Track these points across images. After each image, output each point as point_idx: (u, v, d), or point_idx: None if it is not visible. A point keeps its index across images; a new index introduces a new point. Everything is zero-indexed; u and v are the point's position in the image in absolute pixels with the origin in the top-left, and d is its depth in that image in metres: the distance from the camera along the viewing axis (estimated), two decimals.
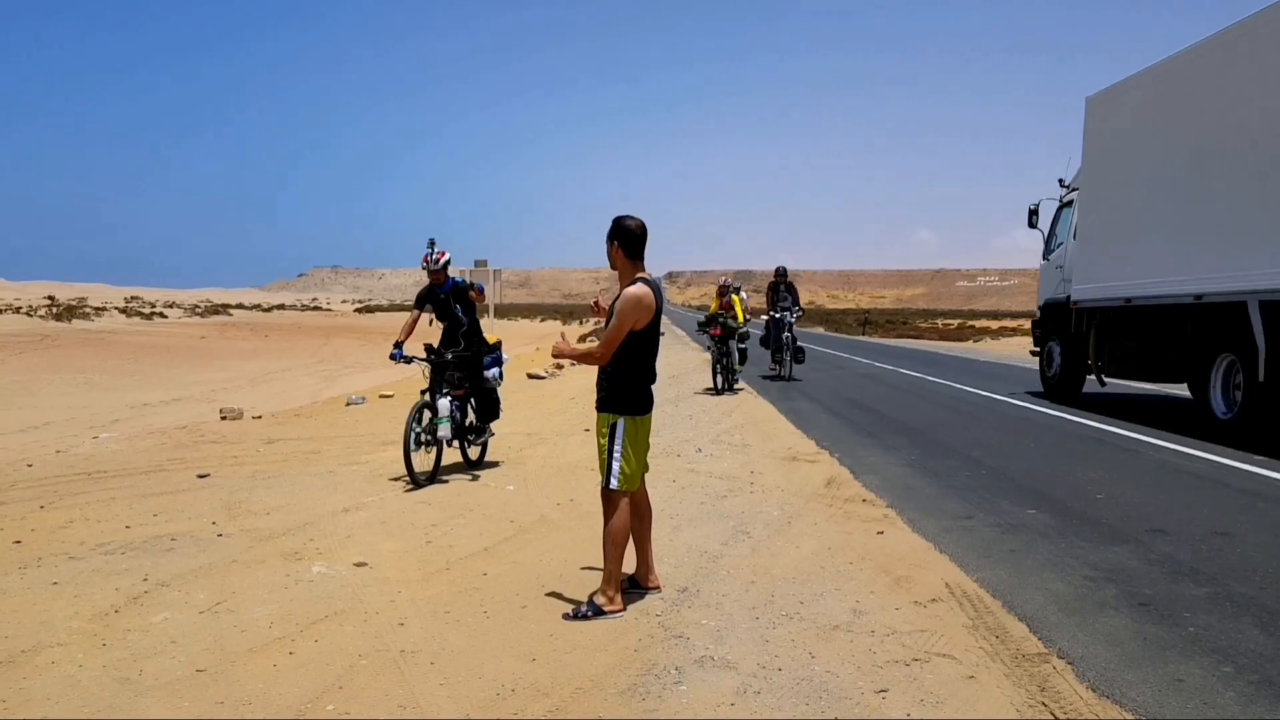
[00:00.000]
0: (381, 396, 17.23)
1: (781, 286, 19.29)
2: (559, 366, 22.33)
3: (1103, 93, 14.60)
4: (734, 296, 17.43)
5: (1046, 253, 16.99)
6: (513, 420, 13.19)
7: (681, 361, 24.53)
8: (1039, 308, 17.22)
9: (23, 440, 13.65)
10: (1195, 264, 11.46)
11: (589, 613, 5.01)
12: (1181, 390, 14.85)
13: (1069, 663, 4.34)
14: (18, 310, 59.49)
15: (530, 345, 39.57)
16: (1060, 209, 16.56)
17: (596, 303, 5.75)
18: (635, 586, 5.42)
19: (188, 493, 8.13)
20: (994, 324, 73.78)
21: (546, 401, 15.80)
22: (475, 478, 8.95)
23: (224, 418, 13.93)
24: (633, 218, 5.10)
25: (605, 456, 5.09)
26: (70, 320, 52.32)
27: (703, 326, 17.76)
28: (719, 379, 17.23)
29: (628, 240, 5.06)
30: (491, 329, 24.90)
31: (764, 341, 19.82)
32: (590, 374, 11.62)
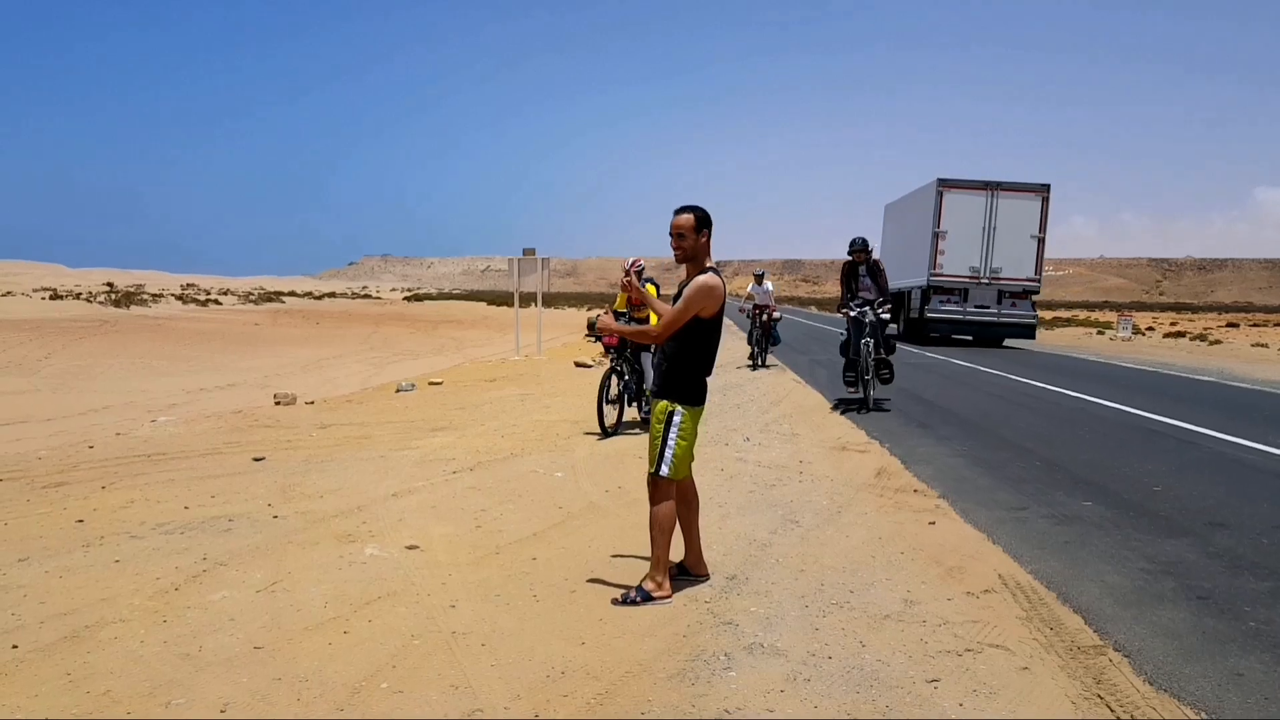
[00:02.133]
0: (431, 384, 17.40)
1: (861, 269, 13.08)
2: (605, 354, 22.34)
3: (888, 205, 36.29)
4: (648, 286, 9.97)
5: None
6: (560, 408, 13.27)
7: (727, 350, 24.40)
8: (906, 292, 31.46)
9: (84, 423, 14.00)
10: (905, 275, 29.76)
11: (638, 598, 5.03)
12: (1225, 378, 14.65)
13: (1126, 656, 4.28)
14: (78, 296, 60.89)
15: (577, 334, 39.71)
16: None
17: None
18: (684, 574, 5.43)
19: (244, 475, 8.27)
20: (1048, 314, 72.62)
21: (594, 390, 15.82)
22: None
23: (278, 403, 14.15)
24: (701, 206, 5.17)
25: (659, 443, 5.08)
26: (128, 306, 53.43)
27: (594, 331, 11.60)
28: (603, 412, 11.11)
29: (709, 225, 5.13)
30: (540, 318, 25.12)
31: (843, 349, 13.38)
32: None
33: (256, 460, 8.97)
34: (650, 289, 10.20)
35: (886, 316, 13.07)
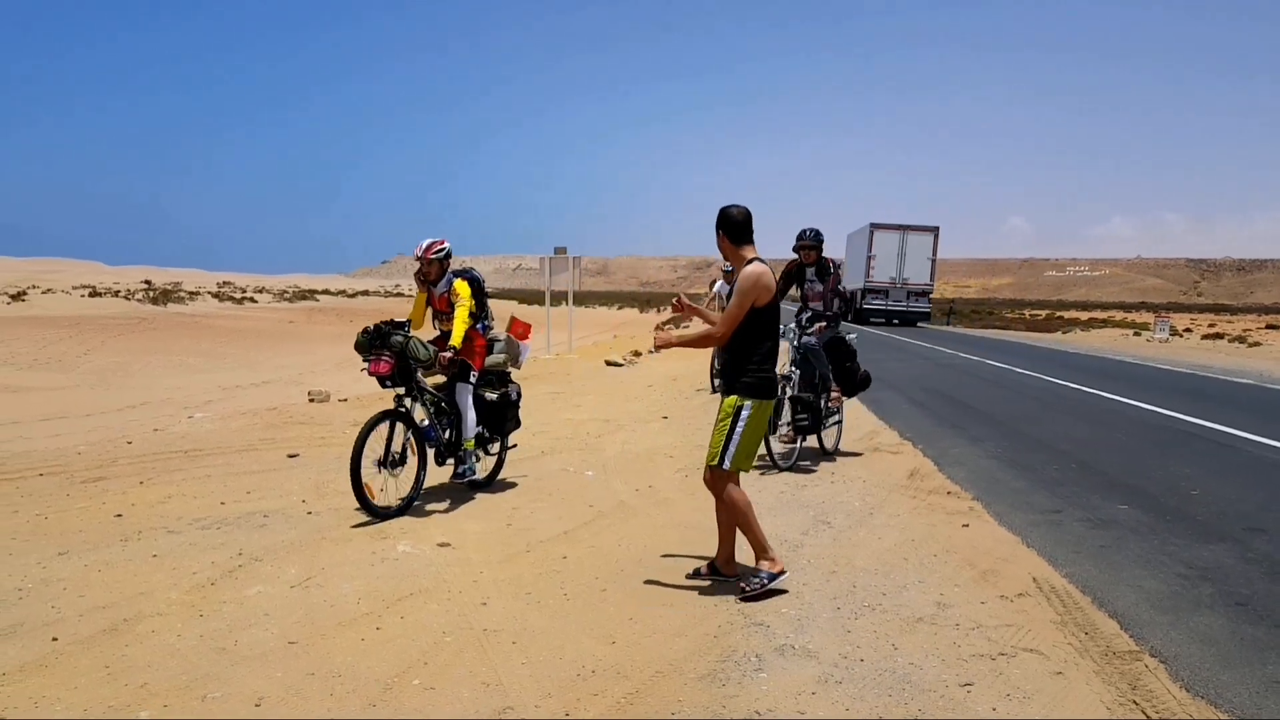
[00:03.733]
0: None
1: (809, 271, 9.44)
2: (636, 354, 22.37)
3: (849, 234, 49.29)
4: (456, 283, 7.48)
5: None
6: (591, 407, 13.27)
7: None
8: (854, 291, 39.86)
9: (123, 419, 14.20)
10: (852, 281, 43.38)
11: (765, 581, 5.06)
12: (1264, 381, 14.46)
13: (1162, 661, 4.23)
14: (116, 294, 61.75)
15: (608, 333, 39.73)
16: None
17: (679, 300, 5.81)
18: (715, 573, 5.43)
19: (278, 472, 8.35)
20: (1084, 315, 71.85)
21: (624, 389, 15.86)
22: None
23: (312, 400, 14.27)
24: (736, 206, 5.24)
25: (724, 436, 5.10)
26: (166, 304, 54.08)
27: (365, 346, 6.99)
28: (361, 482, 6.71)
29: (731, 228, 5.20)
30: (571, 316, 25.18)
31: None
32: (670, 362, 11.63)
33: (291, 457, 9.05)
34: (460, 287, 7.45)
35: (853, 336, 9.90)
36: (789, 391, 8.79)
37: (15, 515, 6.63)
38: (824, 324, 9.24)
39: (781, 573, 5.15)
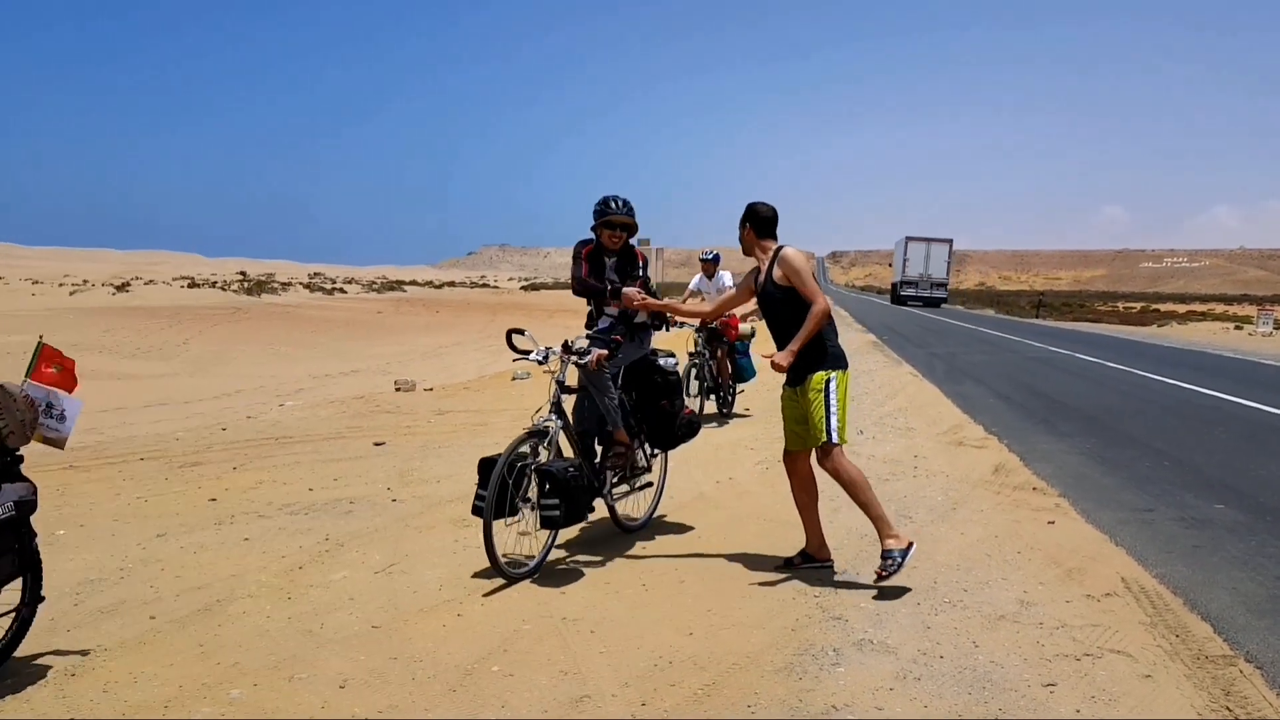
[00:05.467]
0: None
1: (610, 259, 6.27)
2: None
3: (895, 242, 68.79)
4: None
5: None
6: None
7: (844, 343, 24.05)
8: (893, 284, 68.43)
9: (217, 406, 14.67)
10: (898, 276, 66.60)
11: (899, 560, 5.04)
12: None
13: (1258, 667, 4.09)
14: (214, 285, 63.78)
15: (691, 323, 39.69)
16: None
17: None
18: (809, 560, 5.48)
19: (365, 459, 8.55)
20: (1181, 308, 69.43)
21: None
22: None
23: (398, 389, 14.56)
24: (763, 203, 5.54)
25: (822, 413, 5.16)
26: (260, 295, 55.64)
27: None
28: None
29: (759, 222, 5.49)
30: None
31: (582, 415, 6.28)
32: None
33: (377, 445, 9.26)
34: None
35: (673, 361, 6.45)
36: (536, 457, 5.51)
37: (118, 498, 6.92)
38: (607, 350, 5.83)
39: (910, 546, 5.13)
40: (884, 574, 5.04)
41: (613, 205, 6.09)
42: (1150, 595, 5.00)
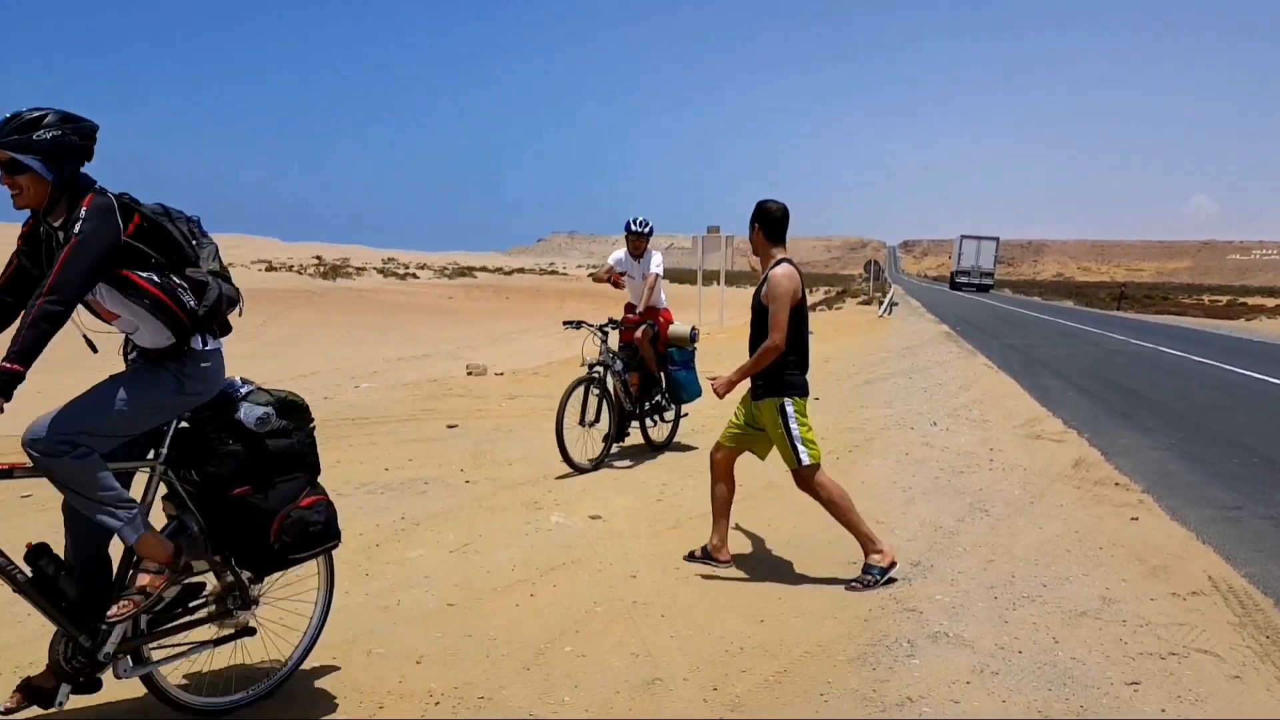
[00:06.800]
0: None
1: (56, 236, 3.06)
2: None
3: (955, 239, 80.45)
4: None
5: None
6: (741, 387, 13.19)
7: (917, 333, 23.75)
8: (951, 272, 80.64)
9: (295, 387, 14.94)
10: (956, 266, 77.20)
11: (877, 578, 4.93)
12: None
13: None
14: (291, 269, 65.13)
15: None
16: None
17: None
18: (707, 559, 5.27)
19: (438, 441, 8.66)
20: (1270, 301, 67.05)
21: None
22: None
23: (470, 373, 14.72)
24: (774, 201, 5.18)
25: (785, 440, 5.00)
26: (335, 279, 56.68)
27: None
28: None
29: (769, 223, 5.14)
30: (722, 296, 25.12)
31: None
32: (822, 344, 11.47)
33: (450, 427, 9.37)
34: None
35: (262, 413, 3.52)
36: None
37: None
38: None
39: (893, 564, 4.99)
40: (857, 586, 4.90)
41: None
42: (1239, 595, 4.84)
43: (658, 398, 8.65)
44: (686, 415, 9.15)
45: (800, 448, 4.99)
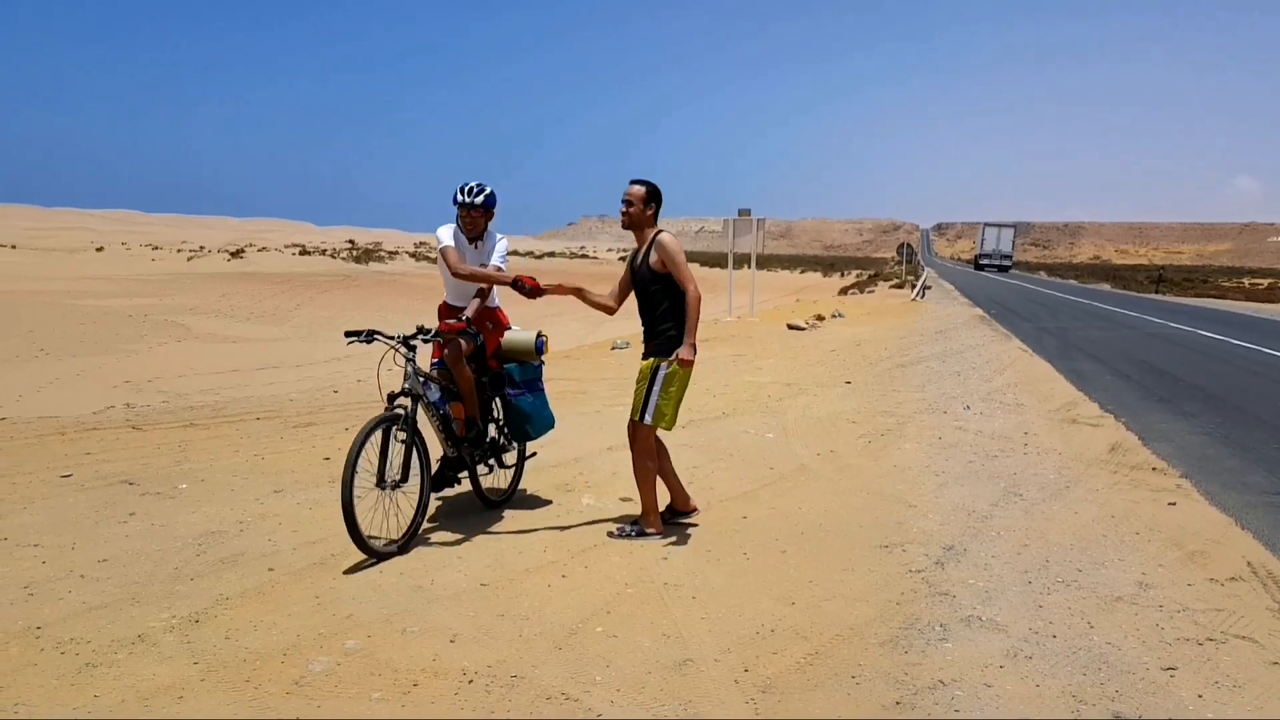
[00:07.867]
0: None
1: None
2: (819, 318, 22.01)
3: (980, 226, 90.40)
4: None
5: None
6: (772, 370, 13.18)
7: (950, 316, 23.56)
8: (975, 255, 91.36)
9: (329, 369, 15.12)
10: (979, 250, 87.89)
11: (632, 534, 5.39)
12: None
13: None
14: (324, 253, 65.60)
15: (790, 297, 39.31)
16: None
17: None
18: (676, 515, 5.71)
19: None
20: None
21: (806, 353, 15.66)
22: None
23: None
24: (653, 182, 5.58)
25: (643, 395, 5.31)
26: (367, 263, 57.02)
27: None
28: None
29: (659, 199, 5.57)
30: (753, 279, 25.05)
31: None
32: (854, 327, 11.39)
33: None
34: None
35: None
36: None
37: (236, 455, 7.18)
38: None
39: (657, 534, 5.40)
40: (615, 533, 5.42)
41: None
42: (1279, 581, 4.77)
43: (492, 434, 6.15)
44: (534, 455, 6.74)
45: (650, 408, 5.31)
